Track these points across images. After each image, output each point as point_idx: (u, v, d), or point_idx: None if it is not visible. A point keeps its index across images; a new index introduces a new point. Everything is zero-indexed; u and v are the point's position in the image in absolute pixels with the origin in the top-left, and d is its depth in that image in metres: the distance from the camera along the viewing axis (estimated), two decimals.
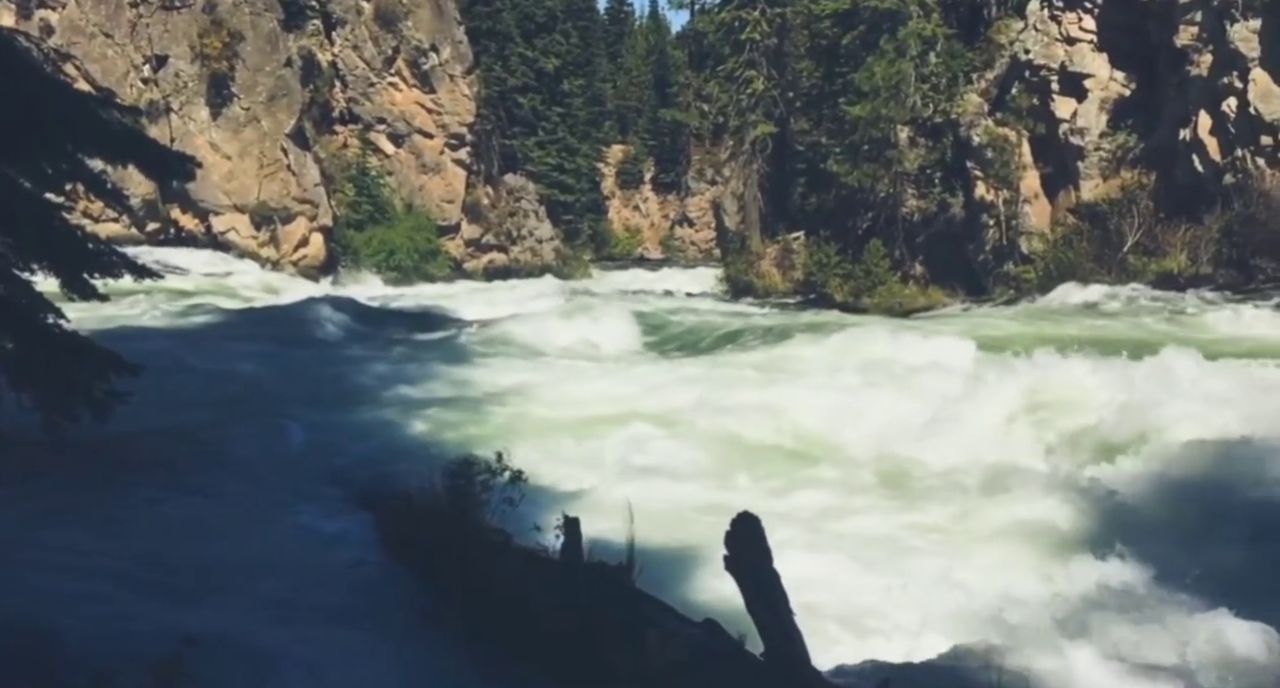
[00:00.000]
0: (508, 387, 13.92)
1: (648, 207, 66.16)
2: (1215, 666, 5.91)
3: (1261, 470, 8.85)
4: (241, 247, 35.59)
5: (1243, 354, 14.09)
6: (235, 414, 11.61)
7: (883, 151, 30.38)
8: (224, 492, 8.85)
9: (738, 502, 6.33)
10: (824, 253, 31.93)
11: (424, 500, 7.76)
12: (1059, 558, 7.71)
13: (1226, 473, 8.85)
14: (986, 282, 29.08)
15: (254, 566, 6.81)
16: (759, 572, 4.93)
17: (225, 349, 16.32)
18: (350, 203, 38.62)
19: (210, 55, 35.05)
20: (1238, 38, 24.24)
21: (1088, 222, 27.02)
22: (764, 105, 37.40)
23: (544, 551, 6.53)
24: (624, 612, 5.64)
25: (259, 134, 35.64)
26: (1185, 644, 6.09)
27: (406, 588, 6.93)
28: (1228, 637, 6.15)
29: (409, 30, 39.82)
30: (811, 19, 34.81)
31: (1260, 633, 6.18)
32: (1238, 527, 8.07)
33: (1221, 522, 8.18)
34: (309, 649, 5.43)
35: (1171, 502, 8.72)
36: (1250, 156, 24.30)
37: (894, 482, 9.79)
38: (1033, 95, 29.11)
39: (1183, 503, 8.64)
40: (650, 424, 11.91)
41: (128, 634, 5.32)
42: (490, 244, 43.57)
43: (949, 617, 6.36)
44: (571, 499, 8.43)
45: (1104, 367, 12.41)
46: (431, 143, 40.89)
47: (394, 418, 12.22)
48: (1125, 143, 27.42)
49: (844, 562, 7.69)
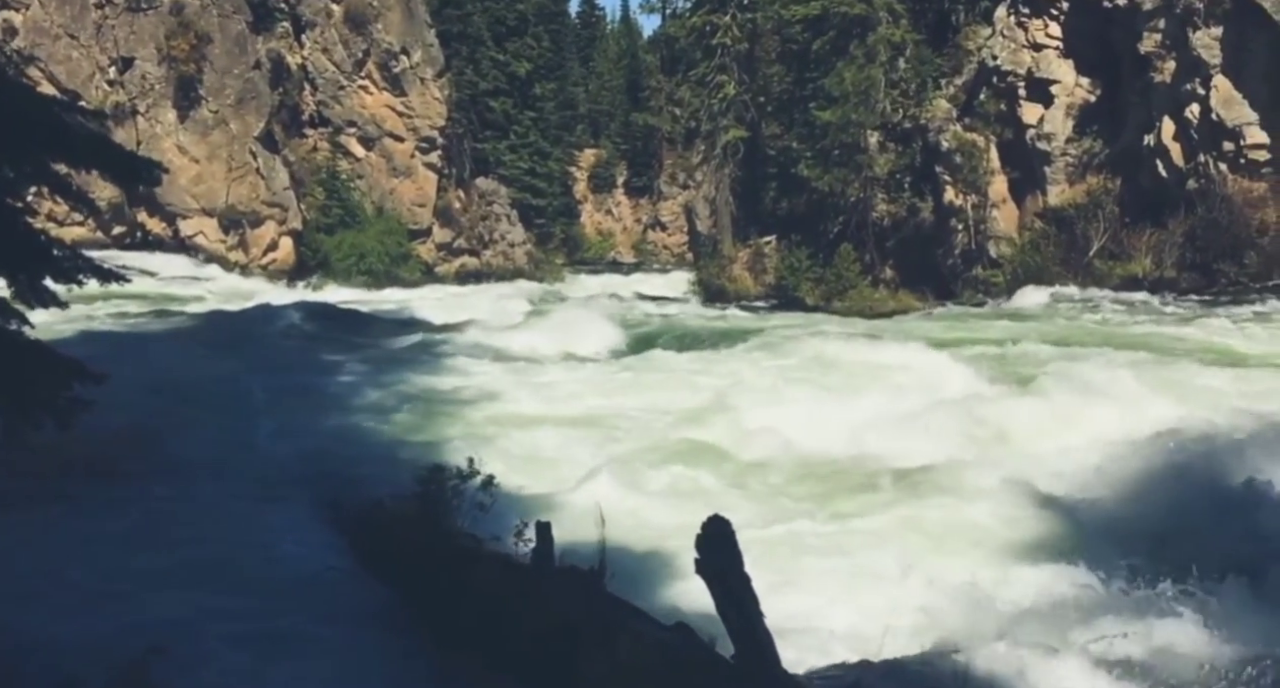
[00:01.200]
0: (478, 391, 13.88)
1: (620, 210, 66.23)
2: (1175, 662, 6.01)
3: (1221, 469, 9.00)
4: (210, 251, 35.24)
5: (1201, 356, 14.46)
6: (200, 420, 11.49)
7: (853, 156, 30.59)
8: (189, 498, 8.76)
9: (709, 506, 6.35)
10: (795, 257, 32.09)
11: (395, 506, 7.73)
12: (1017, 559, 7.80)
13: (1184, 471, 8.99)
14: (955, 285, 29.35)
15: (220, 572, 6.75)
16: (729, 575, 4.94)
17: (192, 354, 16.15)
18: (320, 206, 38.33)
19: (177, 57, 34.69)
20: (1200, 45, 24.65)
21: (1054, 226, 27.36)
22: (735, 110, 37.53)
23: (516, 556, 6.52)
24: (596, 616, 5.64)
25: (227, 137, 35.31)
26: (1145, 642, 6.20)
27: (376, 594, 6.89)
28: (1186, 634, 6.26)
29: (379, 33, 39.61)
30: (782, 24, 34.99)
31: (1217, 631, 6.30)
32: (1196, 526, 8.21)
33: (1179, 521, 8.32)
34: (275, 657, 5.39)
35: (1130, 501, 8.85)
36: (1213, 162, 24.71)
37: (851, 482, 9.85)
38: (1000, 101, 29.44)
39: (1142, 503, 8.77)
40: (622, 428, 11.92)
41: (94, 643, 5.26)
42: (462, 248, 43.39)
43: (912, 619, 6.41)
44: (543, 504, 8.42)
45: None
46: (402, 146, 40.69)
47: (363, 423, 12.14)
48: (1091, 148, 27.79)
49: (805, 565, 7.74)
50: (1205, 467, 9.03)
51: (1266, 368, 13.77)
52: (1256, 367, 13.94)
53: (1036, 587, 7.12)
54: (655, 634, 5.53)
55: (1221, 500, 8.57)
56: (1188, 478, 8.99)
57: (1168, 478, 9.06)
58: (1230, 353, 15.23)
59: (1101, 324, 20.17)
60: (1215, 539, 8.00)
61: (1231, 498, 8.59)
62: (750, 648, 4.90)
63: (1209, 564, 7.55)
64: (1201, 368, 13.46)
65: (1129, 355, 14.27)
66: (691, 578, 5.05)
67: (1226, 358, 14.67)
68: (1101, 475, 9.37)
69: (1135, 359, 13.93)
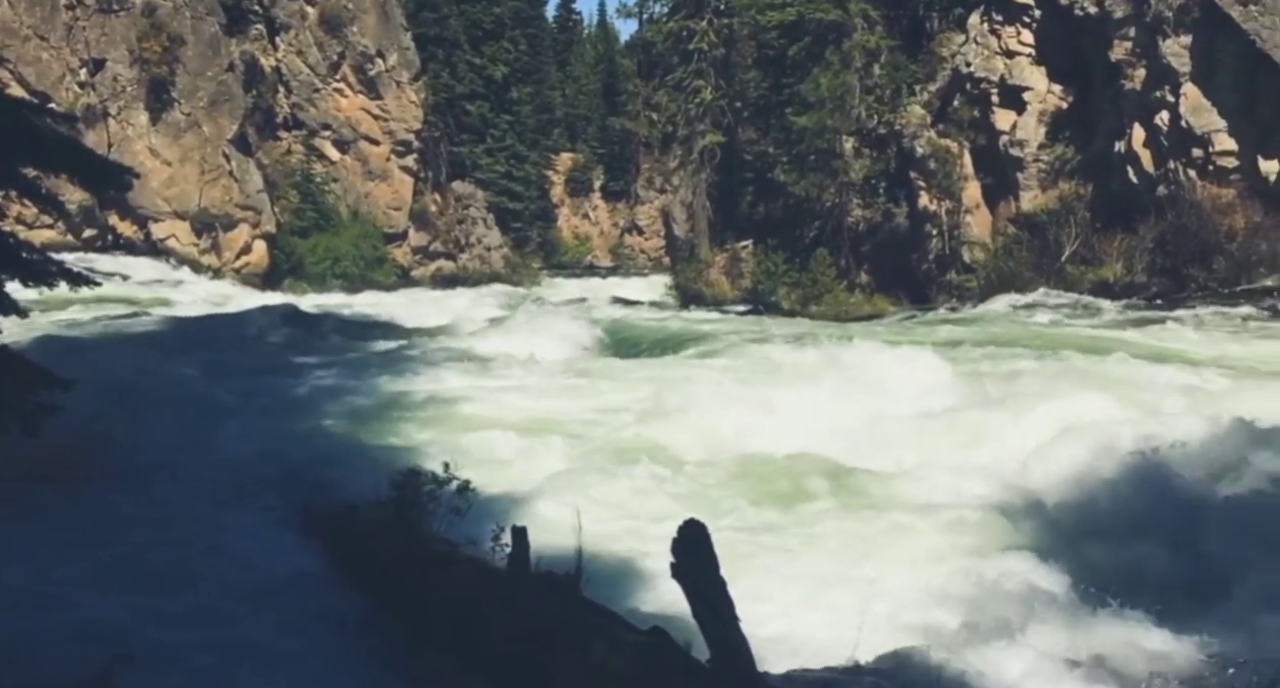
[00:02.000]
0: (454, 395, 13.82)
1: (597, 215, 66.22)
2: (1139, 661, 6.08)
3: (1186, 470, 9.12)
4: (182, 254, 34.91)
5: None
6: (173, 424, 11.37)
7: (829, 161, 30.76)
8: (155, 504, 8.66)
9: (685, 511, 6.37)
10: (772, 261, 32.21)
11: (369, 511, 7.69)
12: (988, 560, 7.86)
13: (1150, 474, 9.10)
14: (930, 290, 29.55)
15: (191, 577, 6.68)
16: (705, 579, 4.96)
17: (163, 358, 15.97)
18: (294, 210, 38.08)
19: (150, 59, 34.38)
20: (1169, 53, 24.97)
21: (1027, 231, 27.60)
22: (712, 115, 37.66)
23: (492, 560, 6.50)
24: (571, 621, 5.64)
25: (200, 140, 35.02)
26: (1103, 640, 6.28)
27: (350, 599, 6.85)
28: (1150, 634, 6.34)
29: (354, 36, 39.43)
30: (758, 30, 35.16)
31: (1179, 630, 6.38)
32: (1160, 526, 8.32)
33: (1143, 522, 8.42)
34: (247, 663, 5.34)
35: (1094, 502, 8.95)
36: (1182, 168, 25.03)
37: (821, 485, 9.89)
38: (974, 107, 29.69)
39: (1106, 503, 8.87)
40: (599, 433, 11.92)
41: (61, 650, 5.19)
42: (438, 252, 43.25)
43: (885, 620, 6.45)
44: (519, 509, 8.39)
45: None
46: (378, 149, 40.51)
47: (338, 427, 12.07)
48: (1063, 154, 28.08)
49: (777, 568, 7.77)
50: (1155, 467, 9.16)
51: (1208, 368, 14.03)
52: (1202, 366, 14.22)
53: (998, 587, 7.18)
54: (630, 639, 5.53)
55: (1171, 500, 8.70)
56: (1138, 478, 9.11)
57: (1118, 478, 9.17)
58: (1181, 355, 15.52)
59: (1051, 326, 20.54)
60: (1166, 540, 8.12)
61: (1180, 497, 8.73)
62: (725, 652, 4.91)
63: (1162, 565, 7.67)
64: (1155, 369, 13.70)
65: (1081, 358, 14.54)
66: (669, 583, 5.06)
67: (1181, 360, 14.94)
68: (1052, 476, 9.47)
69: (1084, 361, 14.22)
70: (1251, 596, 7.02)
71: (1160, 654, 6.12)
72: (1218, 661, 5.88)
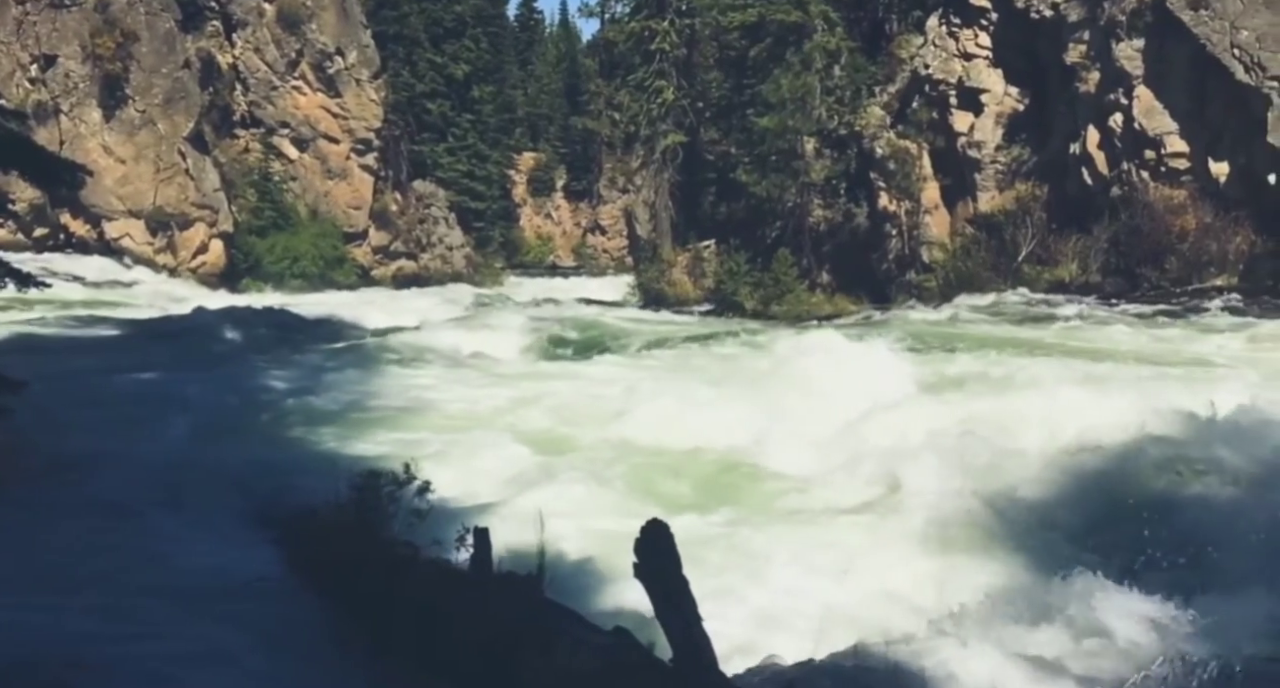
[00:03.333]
0: (414, 396, 13.74)
1: (560, 214, 66.10)
2: (1101, 657, 6.18)
3: (1145, 467, 9.29)
4: (137, 253, 34.32)
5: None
6: (127, 428, 11.18)
7: (790, 162, 30.93)
8: (115, 507, 8.50)
9: (647, 511, 6.36)
10: (734, 261, 32.32)
11: (329, 514, 7.60)
12: (945, 556, 7.95)
13: (1110, 470, 9.26)
14: (890, 290, 29.82)
15: (146, 583, 6.56)
16: (668, 579, 4.96)
17: (117, 361, 15.70)
18: (252, 209, 37.60)
19: (103, 56, 33.76)
20: (1123, 56, 25.42)
21: (985, 232, 27.96)
22: (674, 115, 37.72)
23: (453, 563, 6.46)
24: (534, 622, 5.62)
25: (155, 137, 34.45)
26: (1070, 636, 6.37)
27: (310, 604, 6.77)
28: (1113, 629, 6.43)
29: (313, 33, 39.00)
30: (720, 31, 35.28)
31: (1143, 625, 6.49)
32: (1121, 522, 8.45)
33: (1106, 518, 8.56)
34: (203, 669, 5.26)
35: (1057, 498, 9.08)
36: (1135, 170, 25.49)
37: (782, 484, 9.96)
38: (932, 109, 30.00)
39: (1068, 500, 9.01)
40: (561, 432, 11.90)
41: (11, 657, 5.08)
42: (399, 251, 42.91)
43: (846, 617, 6.50)
44: (481, 510, 8.35)
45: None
46: (337, 148, 40.11)
47: (296, 429, 11.93)
48: (1019, 156, 28.47)
49: (741, 566, 7.80)
50: (1109, 460, 9.32)
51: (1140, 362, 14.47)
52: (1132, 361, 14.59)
53: (956, 582, 7.27)
54: (594, 639, 5.52)
55: (1124, 493, 8.87)
56: (1100, 475, 9.27)
57: (1079, 474, 9.32)
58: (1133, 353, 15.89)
59: (993, 324, 20.96)
60: (1123, 533, 8.27)
61: (1135, 489, 8.90)
62: (688, 651, 4.92)
63: (1130, 560, 7.80)
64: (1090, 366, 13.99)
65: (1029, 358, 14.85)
66: (632, 583, 5.05)
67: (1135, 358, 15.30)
68: (1007, 472, 9.60)
69: (1029, 360, 14.55)
70: (1213, 589, 7.14)
71: (1121, 649, 6.21)
72: (1179, 654, 5.98)
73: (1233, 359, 15.20)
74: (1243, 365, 14.27)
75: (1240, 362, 14.83)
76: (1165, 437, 9.72)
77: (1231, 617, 6.49)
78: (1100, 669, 5.99)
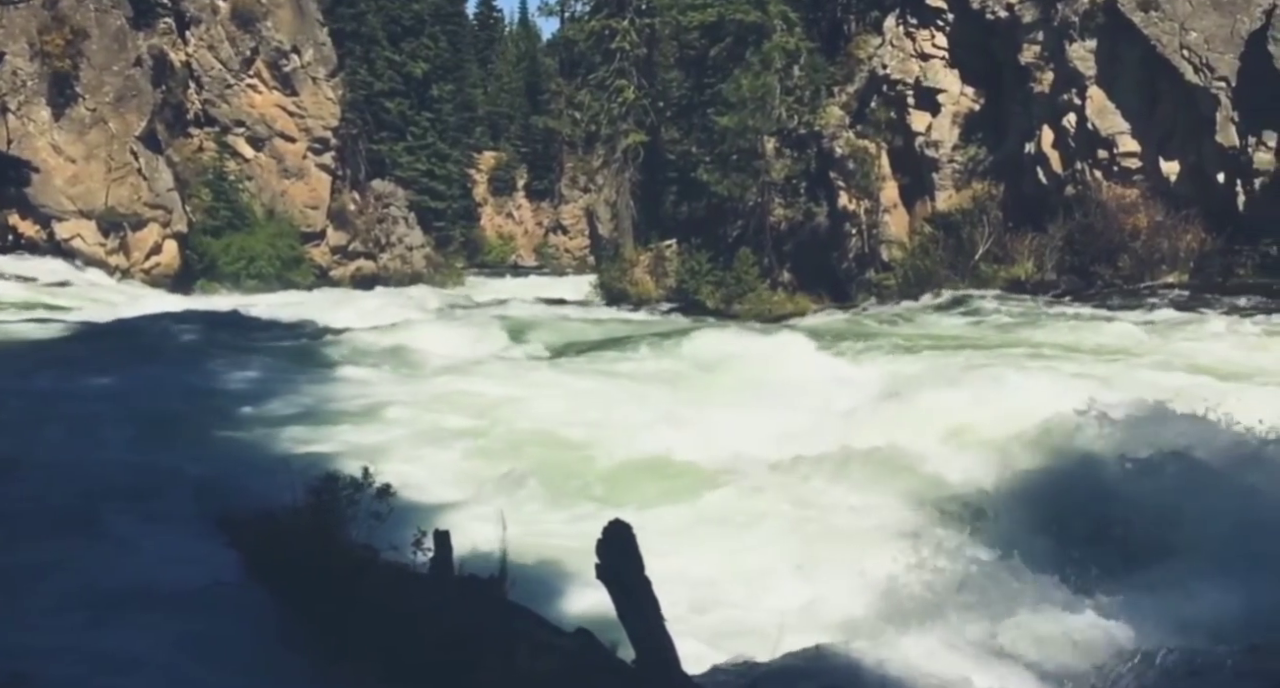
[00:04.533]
0: (373, 397, 13.58)
1: (521, 214, 65.89)
2: (1064, 650, 6.24)
3: (1104, 460, 9.41)
4: (88, 254, 33.64)
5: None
6: (76, 433, 10.93)
7: (751, 161, 31.06)
8: (61, 513, 8.30)
9: (609, 512, 6.34)
10: (696, 260, 32.41)
11: (286, 517, 7.48)
12: (906, 551, 8.00)
13: (1070, 461, 9.37)
14: (850, 288, 30.05)
15: (94, 590, 6.40)
16: (630, 580, 4.94)
17: (66, 365, 15.35)
18: (207, 209, 37.03)
19: (52, 53, 33.06)
20: (1076, 57, 25.81)
21: (943, 230, 28.26)
22: (635, 114, 37.71)
23: (413, 566, 6.39)
24: (496, 625, 5.57)
25: (106, 136, 33.80)
26: (1046, 635, 6.42)
27: (266, 610, 6.65)
28: (1072, 621, 6.51)
29: (268, 31, 38.50)
30: (680, 30, 35.32)
31: (1101, 617, 6.57)
32: (1081, 514, 8.56)
33: (1065, 509, 8.66)
34: (158, 678, 5.14)
35: (1018, 490, 9.18)
36: (1089, 169, 25.90)
37: (741, 483, 9.97)
38: (890, 109, 30.27)
39: (1027, 492, 9.11)
40: (520, 433, 11.83)
41: None
42: (358, 251, 42.49)
43: (806, 613, 6.52)
44: (442, 513, 8.27)
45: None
46: (294, 147, 39.62)
47: (253, 432, 11.74)
48: (976, 155, 28.80)
49: (701, 563, 7.80)
50: (1070, 452, 9.45)
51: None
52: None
53: (918, 577, 7.32)
54: (556, 641, 5.49)
55: (1086, 484, 8.99)
56: (1053, 465, 9.39)
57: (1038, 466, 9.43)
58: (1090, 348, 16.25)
59: (931, 323, 21.41)
60: (1086, 525, 8.37)
61: (1096, 480, 9.02)
62: (651, 652, 4.90)
63: (1097, 553, 7.90)
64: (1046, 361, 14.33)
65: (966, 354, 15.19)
66: (595, 584, 5.03)
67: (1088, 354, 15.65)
68: (970, 466, 9.69)
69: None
70: (1172, 581, 7.25)
71: (1082, 641, 6.28)
72: (1140, 646, 6.06)
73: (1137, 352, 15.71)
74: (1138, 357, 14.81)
75: (1139, 354, 15.34)
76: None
77: (1190, 610, 6.60)
78: (1061, 664, 6.05)
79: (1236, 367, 14.13)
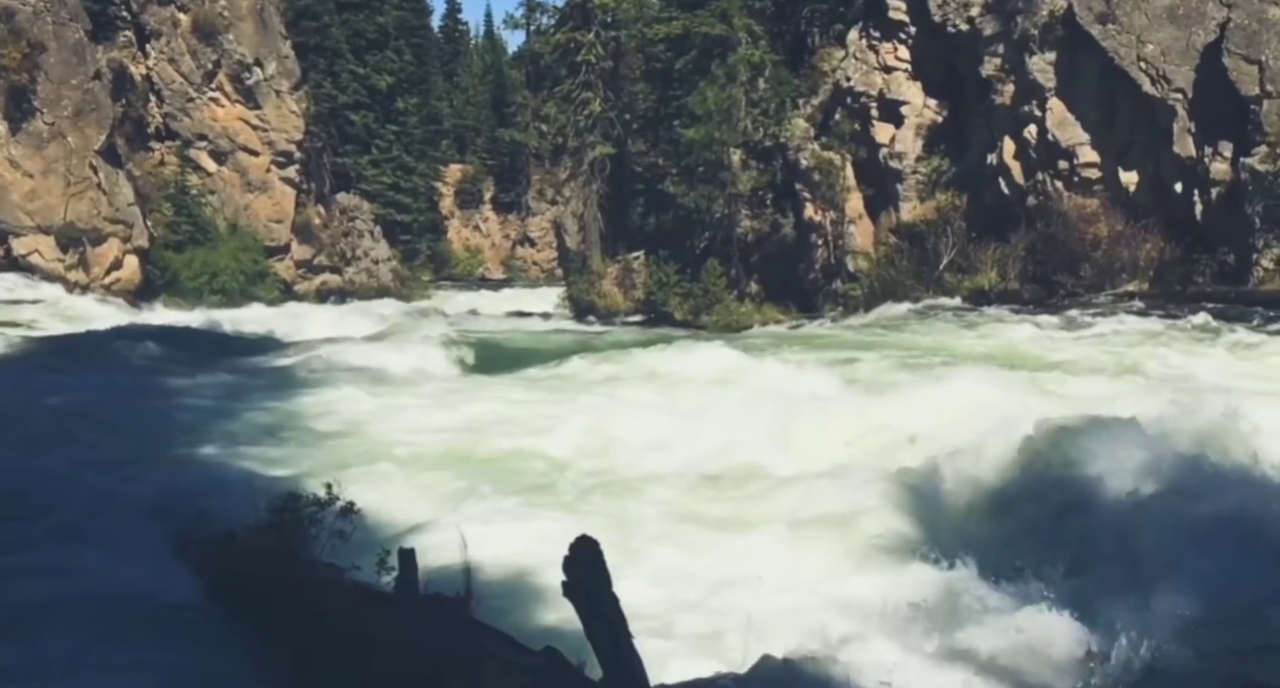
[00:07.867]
0: (335, 415, 13.41)
1: (488, 226, 65.64)
2: (1031, 657, 6.27)
3: (1079, 469, 9.46)
4: (46, 270, 33.06)
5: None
6: (34, 451, 10.71)
7: (717, 173, 31.19)
8: (18, 533, 8.11)
9: (576, 527, 6.29)
10: (663, 272, 32.47)
11: (248, 537, 7.36)
12: (882, 560, 8.02)
13: (1043, 472, 9.42)
14: (817, 299, 30.21)
15: (54, 613, 6.26)
16: (597, 597, 4.89)
17: (24, 381, 15.07)
18: (169, 223, 36.55)
19: (8, 67, 32.54)
20: (1036, 69, 26.18)
21: (907, 241, 28.50)
22: (602, 126, 37.76)
23: (378, 585, 6.30)
24: (461, 644, 5.50)
25: (65, 151, 33.30)
26: (1007, 640, 6.44)
27: (229, 631, 6.53)
28: (1047, 631, 6.54)
29: (230, 44, 38.16)
30: (645, 43, 35.47)
31: (1075, 627, 6.60)
32: (1054, 524, 8.62)
33: (1038, 520, 8.72)
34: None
35: (992, 502, 9.23)
36: (1050, 180, 26.25)
37: (707, 493, 9.97)
38: (855, 121, 30.53)
39: (1003, 503, 9.16)
40: (486, 448, 11.74)
41: None
42: (323, 265, 42.12)
43: (778, 624, 6.50)
44: (406, 531, 8.18)
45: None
46: (257, 161, 39.26)
47: (215, 450, 11.55)
48: (939, 167, 29.11)
49: (673, 576, 7.77)
50: (1035, 456, 9.51)
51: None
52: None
53: (885, 587, 7.33)
54: (523, 660, 5.43)
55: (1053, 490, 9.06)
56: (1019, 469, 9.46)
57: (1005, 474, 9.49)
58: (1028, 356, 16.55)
59: (889, 331, 21.70)
60: (1053, 532, 8.43)
61: (1062, 487, 9.09)
62: (618, 669, 4.86)
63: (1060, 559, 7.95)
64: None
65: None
66: (561, 601, 4.97)
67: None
68: (935, 473, 9.74)
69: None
70: (1141, 585, 7.30)
71: (1049, 647, 6.30)
72: (1104, 652, 6.09)
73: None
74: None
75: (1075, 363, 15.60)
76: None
77: (1145, 615, 6.65)
78: (1022, 670, 6.07)
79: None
